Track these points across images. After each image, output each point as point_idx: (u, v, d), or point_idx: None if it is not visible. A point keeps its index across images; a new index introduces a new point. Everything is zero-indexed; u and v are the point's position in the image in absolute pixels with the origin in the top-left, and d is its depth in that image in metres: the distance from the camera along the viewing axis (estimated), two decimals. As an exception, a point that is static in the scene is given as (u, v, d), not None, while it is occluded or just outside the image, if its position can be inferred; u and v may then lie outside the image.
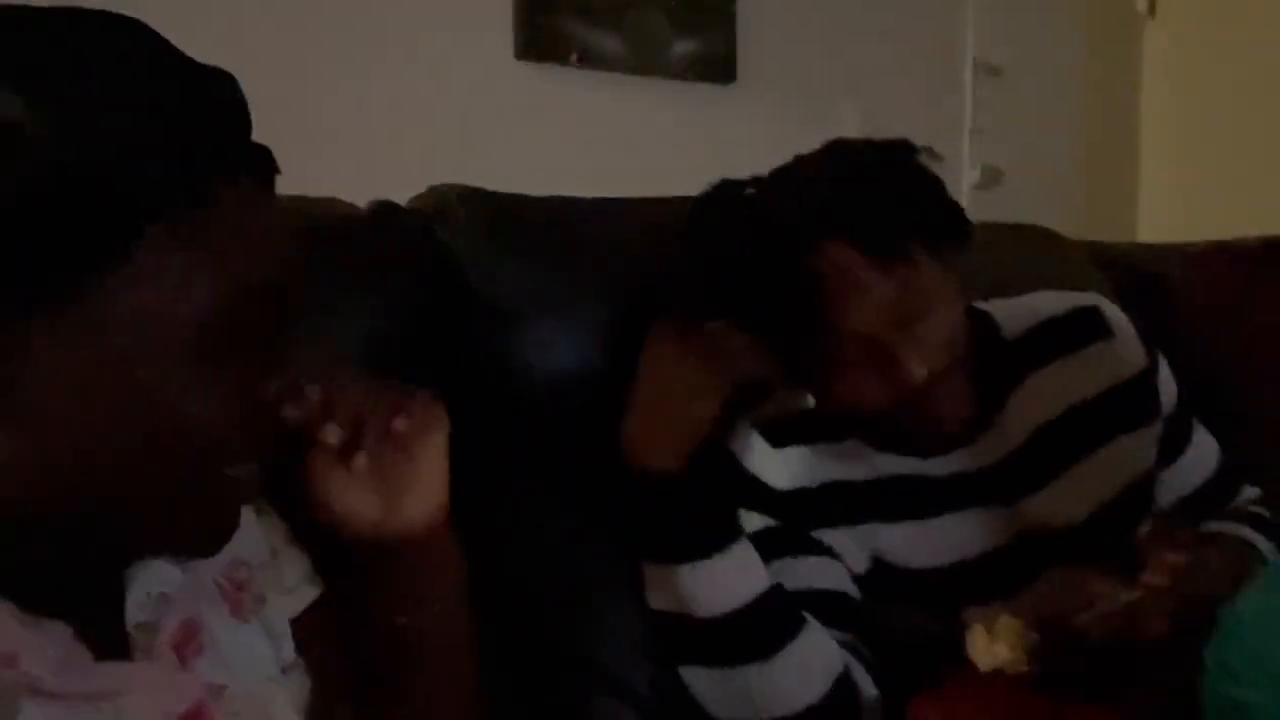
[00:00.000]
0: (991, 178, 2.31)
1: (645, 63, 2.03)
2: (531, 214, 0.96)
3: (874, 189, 0.79)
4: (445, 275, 0.88)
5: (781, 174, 0.83)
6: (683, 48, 2.06)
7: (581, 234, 0.97)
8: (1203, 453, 0.95)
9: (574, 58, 1.96)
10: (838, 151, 0.82)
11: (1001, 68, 2.36)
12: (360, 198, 0.92)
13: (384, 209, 0.91)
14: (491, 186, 0.96)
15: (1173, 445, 0.92)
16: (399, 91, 1.76)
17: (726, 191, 0.83)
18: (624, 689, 0.84)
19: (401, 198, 0.94)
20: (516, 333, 0.88)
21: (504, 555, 0.84)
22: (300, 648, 0.59)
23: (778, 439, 0.88)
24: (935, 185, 0.82)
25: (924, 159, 0.82)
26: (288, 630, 0.58)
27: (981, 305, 0.93)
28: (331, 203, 0.88)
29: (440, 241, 0.90)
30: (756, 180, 0.83)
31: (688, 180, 1.06)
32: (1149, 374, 0.91)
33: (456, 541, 0.60)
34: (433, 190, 0.94)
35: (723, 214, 0.82)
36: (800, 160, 0.83)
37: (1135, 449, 0.88)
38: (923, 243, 0.79)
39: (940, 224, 0.82)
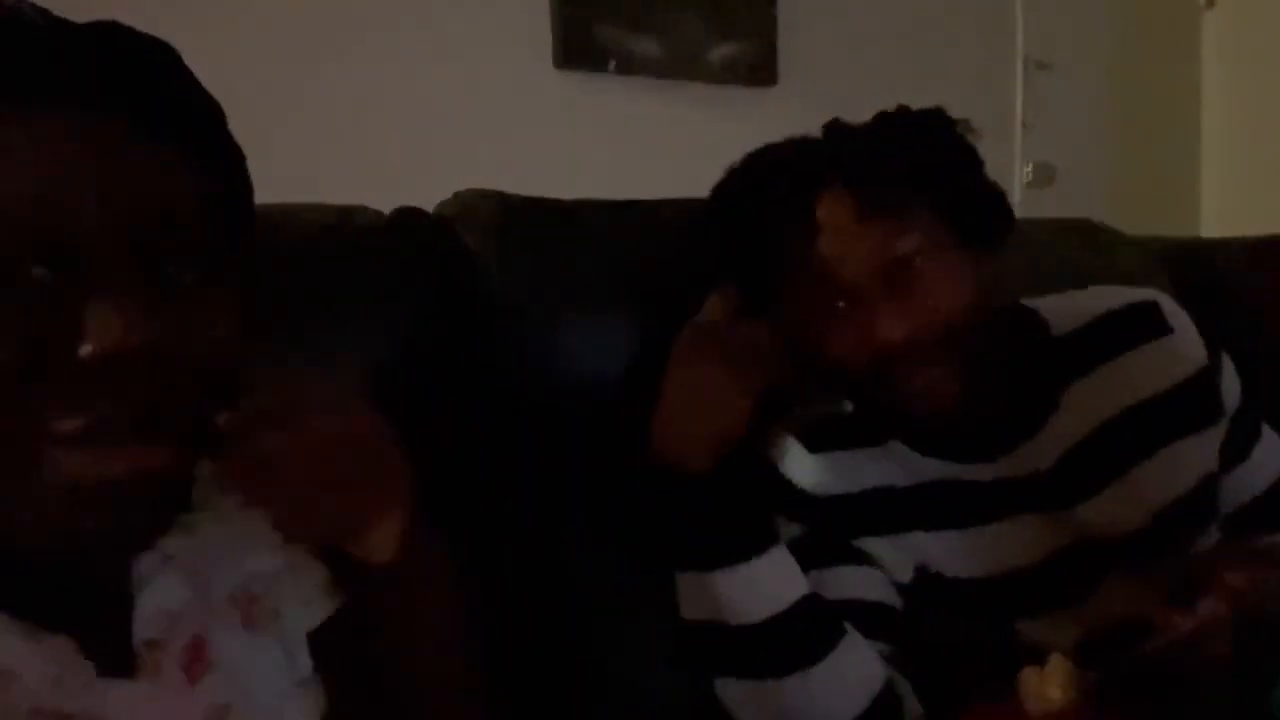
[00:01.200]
0: (1044, 175, 2.24)
1: (684, 67, 2.02)
2: (557, 217, 0.95)
3: (887, 144, 0.78)
4: (466, 280, 0.87)
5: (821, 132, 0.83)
6: (722, 51, 2.04)
7: (607, 236, 0.96)
8: (1270, 456, 0.89)
9: (612, 65, 1.96)
10: (882, 115, 0.81)
11: (1051, 63, 2.30)
12: (395, 205, 0.92)
13: (406, 214, 0.91)
14: (530, 193, 0.95)
15: (1237, 448, 0.87)
16: (439, 102, 1.77)
17: (760, 149, 0.83)
18: (640, 699, 0.81)
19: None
20: (545, 338, 0.86)
21: (525, 561, 0.82)
22: (318, 662, 0.57)
23: (815, 444, 0.85)
24: (966, 159, 0.80)
25: (960, 130, 0.80)
26: (304, 644, 0.57)
27: (1031, 302, 0.89)
28: (356, 210, 0.87)
29: (462, 246, 0.89)
30: (794, 138, 0.83)
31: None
32: (1211, 373, 0.86)
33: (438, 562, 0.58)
34: (458, 196, 0.94)
35: (745, 159, 0.83)
36: (834, 120, 0.84)
37: (1196, 451, 0.84)
38: (938, 215, 0.77)
39: (963, 201, 0.79)
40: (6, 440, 0.41)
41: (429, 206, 0.93)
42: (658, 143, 1.99)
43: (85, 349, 0.40)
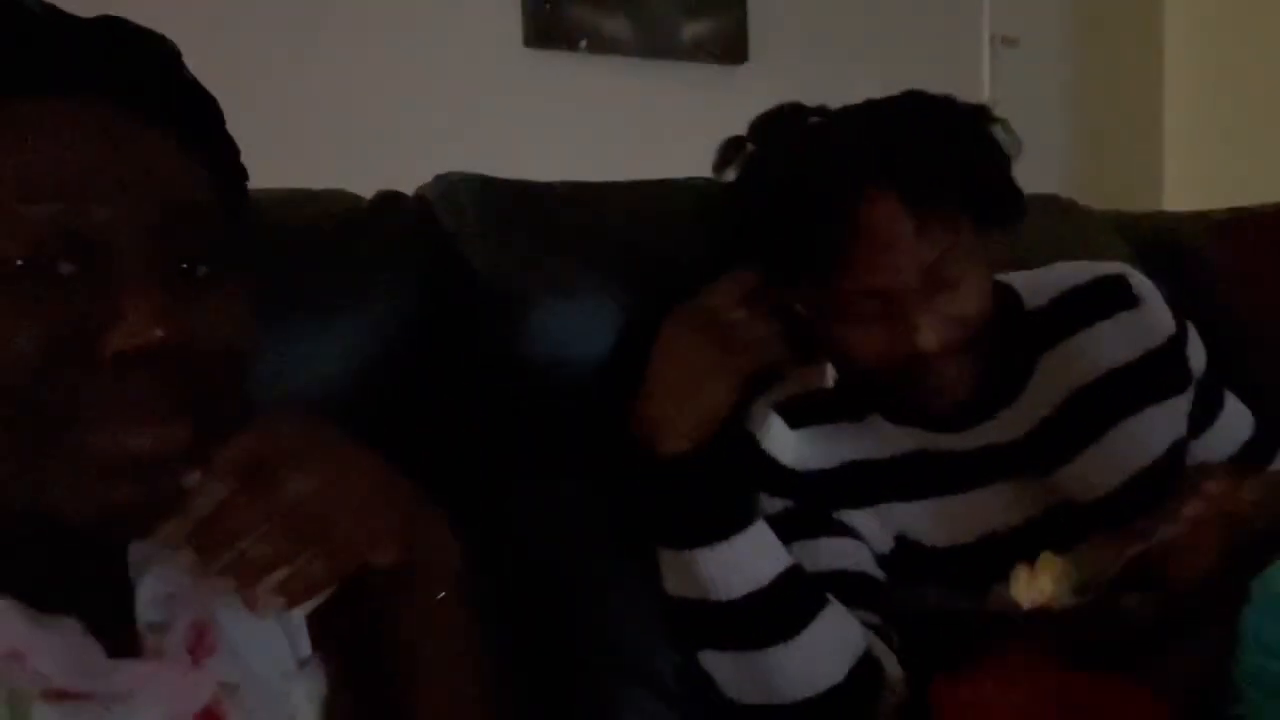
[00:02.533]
0: (1011, 150, 2.26)
1: (655, 46, 2.01)
2: (538, 199, 0.95)
3: (938, 148, 0.77)
4: (449, 264, 0.87)
5: (851, 112, 0.82)
6: (693, 29, 2.04)
7: (592, 218, 0.96)
8: (1235, 422, 0.92)
9: (583, 43, 1.95)
10: (913, 102, 0.80)
11: (1018, 39, 2.32)
12: (368, 188, 0.91)
13: (387, 199, 0.90)
14: (503, 175, 0.95)
15: (1204, 414, 0.90)
16: (407, 81, 1.75)
17: (790, 117, 0.82)
18: (648, 677, 0.83)
19: (410, 188, 0.93)
20: (526, 321, 0.87)
21: (519, 545, 0.83)
22: (316, 643, 0.58)
23: (796, 419, 0.87)
24: (1001, 160, 0.81)
25: (999, 131, 0.80)
26: (304, 626, 0.58)
27: (1002, 277, 0.91)
28: (336, 194, 0.87)
29: (444, 230, 0.89)
30: (822, 109, 0.82)
31: (702, 162, 1.05)
32: (1178, 342, 0.89)
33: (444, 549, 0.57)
34: (437, 179, 0.93)
35: (783, 139, 0.81)
36: (872, 103, 0.82)
37: (1166, 418, 0.86)
38: (971, 215, 0.78)
39: (994, 201, 0.80)
40: (38, 424, 0.42)
41: (400, 189, 0.93)
42: (630, 121, 1.98)
43: (118, 344, 0.41)
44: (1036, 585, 0.73)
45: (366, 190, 0.91)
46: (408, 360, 0.83)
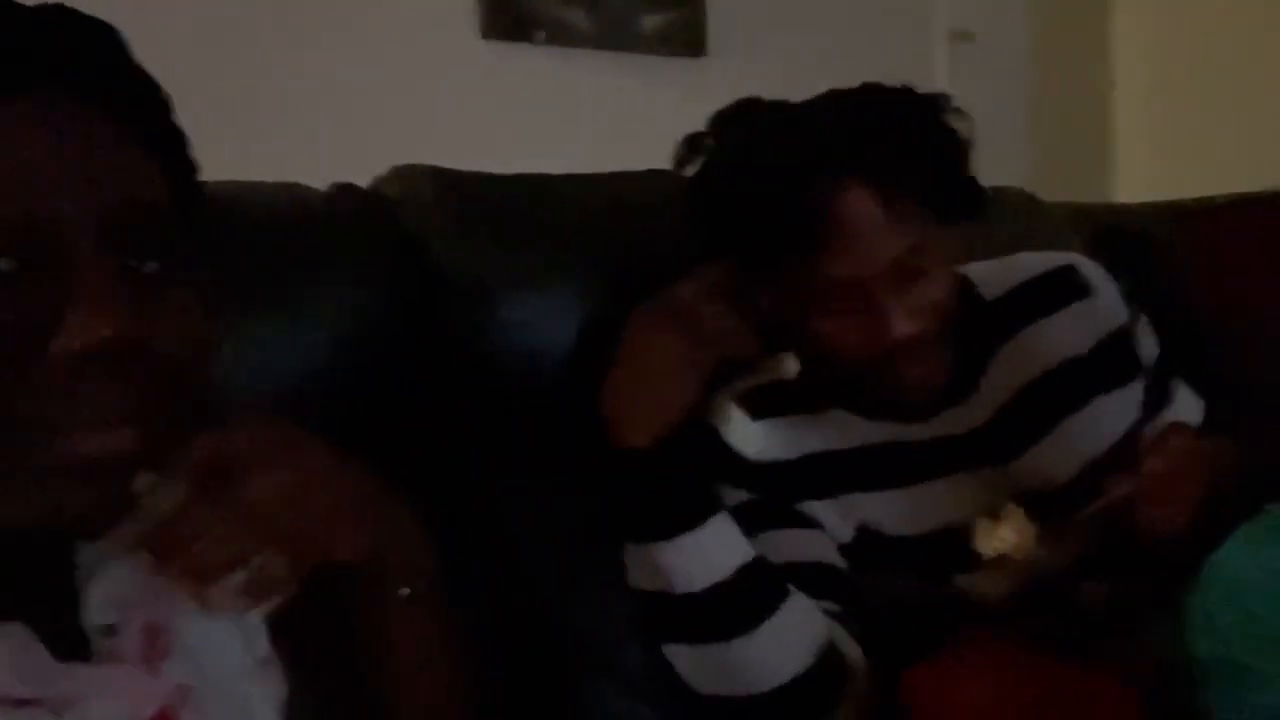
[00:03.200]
0: (969, 140, 2.29)
1: (613, 38, 2.01)
2: (498, 192, 0.94)
3: (903, 138, 0.78)
4: (411, 258, 0.86)
5: (815, 104, 0.82)
6: (651, 21, 2.04)
7: (551, 211, 0.96)
8: (1185, 409, 0.94)
9: (541, 35, 1.94)
10: (875, 93, 0.81)
11: (974, 34, 2.35)
12: (324, 182, 0.90)
13: (342, 191, 0.89)
14: (460, 168, 0.94)
15: (1155, 402, 0.91)
16: (362, 72, 1.73)
17: (753, 110, 0.81)
18: (616, 672, 0.83)
19: (364, 181, 0.92)
20: (487, 314, 0.86)
21: (485, 538, 0.83)
22: (276, 643, 0.57)
23: (757, 411, 0.87)
24: (962, 149, 0.81)
25: (955, 120, 0.81)
26: (262, 626, 0.57)
27: (959, 269, 0.92)
28: (291, 187, 0.85)
29: (405, 223, 0.88)
30: (781, 104, 0.82)
31: (662, 155, 1.04)
32: (1129, 331, 0.91)
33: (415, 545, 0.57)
34: (396, 171, 0.92)
35: (748, 132, 0.80)
36: (835, 94, 0.82)
37: (1119, 406, 0.88)
38: (935, 206, 0.79)
39: (957, 192, 0.81)
40: None
41: (357, 183, 0.91)
42: (588, 114, 1.98)
43: (66, 344, 0.40)
44: (998, 534, 0.75)
45: (320, 183, 0.89)
46: (368, 356, 0.82)
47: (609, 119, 1.99)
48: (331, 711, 0.58)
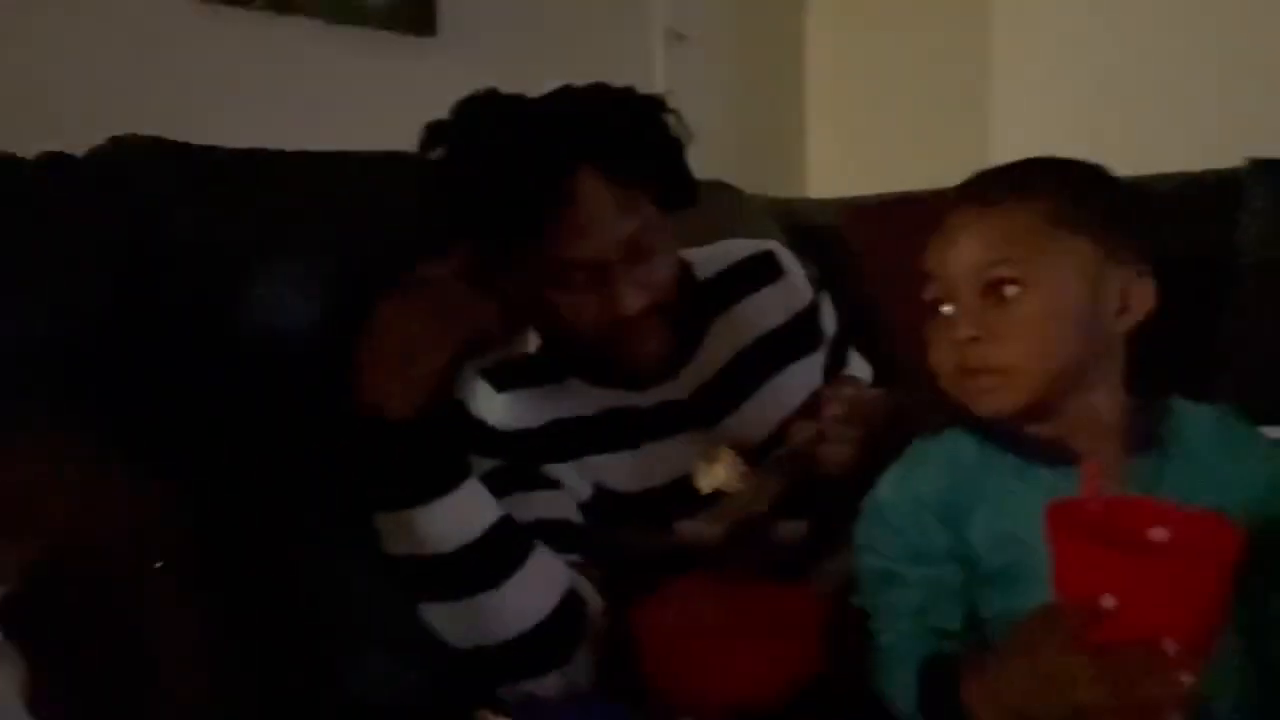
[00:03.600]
0: (684, 138, 2.45)
1: (339, 10, 1.94)
2: (225, 166, 0.92)
3: (630, 131, 0.86)
4: (132, 232, 0.83)
5: (550, 98, 0.88)
6: (380, -3, 2.00)
7: (287, 186, 0.95)
8: (857, 371, 1.12)
9: (258, 2, 1.84)
10: (603, 91, 0.88)
11: (687, 35, 2.53)
12: (25, 150, 0.83)
13: (53, 161, 0.83)
14: (175, 139, 0.90)
15: (834, 367, 1.08)
16: (61, 39, 1.55)
17: (493, 101, 0.86)
18: (376, 636, 0.85)
19: (71, 150, 0.86)
20: (226, 291, 0.85)
21: (241, 515, 0.82)
22: (7, 631, 0.55)
23: (501, 384, 0.93)
24: (678, 146, 0.91)
25: (672, 119, 0.90)
26: None
27: (680, 252, 1.03)
28: (-7, 155, 0.79)
29: (122, 194, 0.84)
30: (519, 97, 0.87)
31: (391, 133, 1.06)
32: (814, 308, 1.06)
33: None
34: (115, 141, 0.87)
35: (490, 120, 0.85)
36: (567, 90, 0.88)
37: (807, 372, 1.03)
38: (656, 195, 0.88)
39: (676, 183, 0.90)
40: None
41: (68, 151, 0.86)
42: (314, 88, 1.90)
43: None
44: (713, 472, 0.86)
45: (22, 153, 0.83)
46: (86, 330, 0.77)
47: (337, 94, 1.93)
48: (81, 689, 0.57)
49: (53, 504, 0.49)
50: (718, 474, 0.86)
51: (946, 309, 0.72)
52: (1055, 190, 0.70)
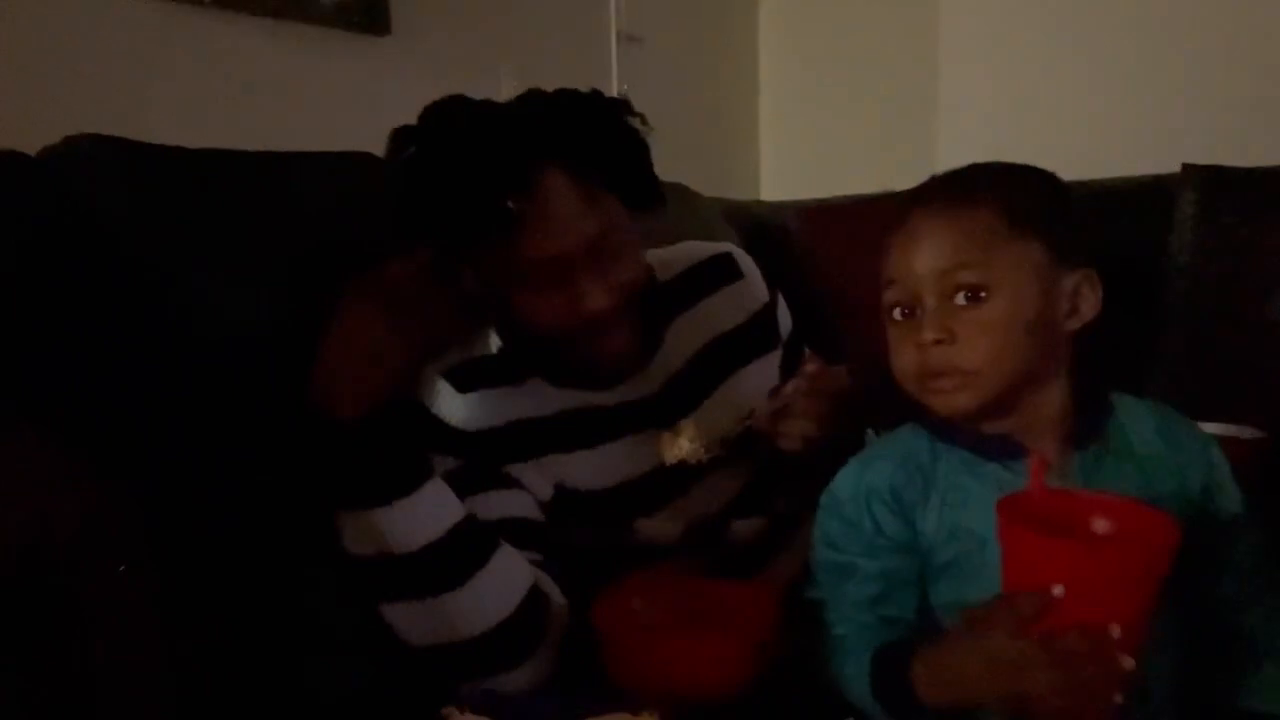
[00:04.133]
0: (650, 155, 2.46)
1: (289, 6, 1.92)
2: (180, 166, 0.91)
3: (596, 133, 0.87)
4: (83, 233, 0.82)
5: (517, 102, 0.88)
6: (331, -6, 1.98)
7: (241, 186, 0.95)
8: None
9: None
10: (569, 96, 0.89)
11: (642, 37, 2.54)
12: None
13: (5, 159, 0.82)
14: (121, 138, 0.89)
15: (789, 365, 1.09)
16: (10, 38, 1.51)
17: (460, 105, 0.86)
18: (331, 636, 0.85)
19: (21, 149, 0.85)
20: (179, 293, 0.84)
21: (197, 517, 0.81)
22: None
23: (463, 384, 0.93)
24: (643, 147, 0.92)
25: (636, 123, 0.91)
26: None
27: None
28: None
29: (79, 196, 0.83)
30: (486, 101, 0.87)
31: (345, 133, 1.05)
32: (770, 308, 1.08)
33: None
34: (68, 140, 0.86)
35: (456, 123, 0.85)
36: (534, 94, 0.89)
37: (764, 371, 1.05)
38: (623, 195, 0.89)
39: (641, 184, 0.92)
40: None
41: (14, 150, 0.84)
42: (261, 85, 1.88)
43: None
44: (675, 444, 0.88)
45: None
46: (46, 333, 0.76)
47: (285, 93, 1.91)
48: (38, 694, 0.56)
49: (11, 505, 0.48)
50: (681, 446, 0.88)
51: (908, 312, 0.74)
52: (1009, 195, 0.73)
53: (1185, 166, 1.60)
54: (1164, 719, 0.70)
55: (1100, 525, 0.64)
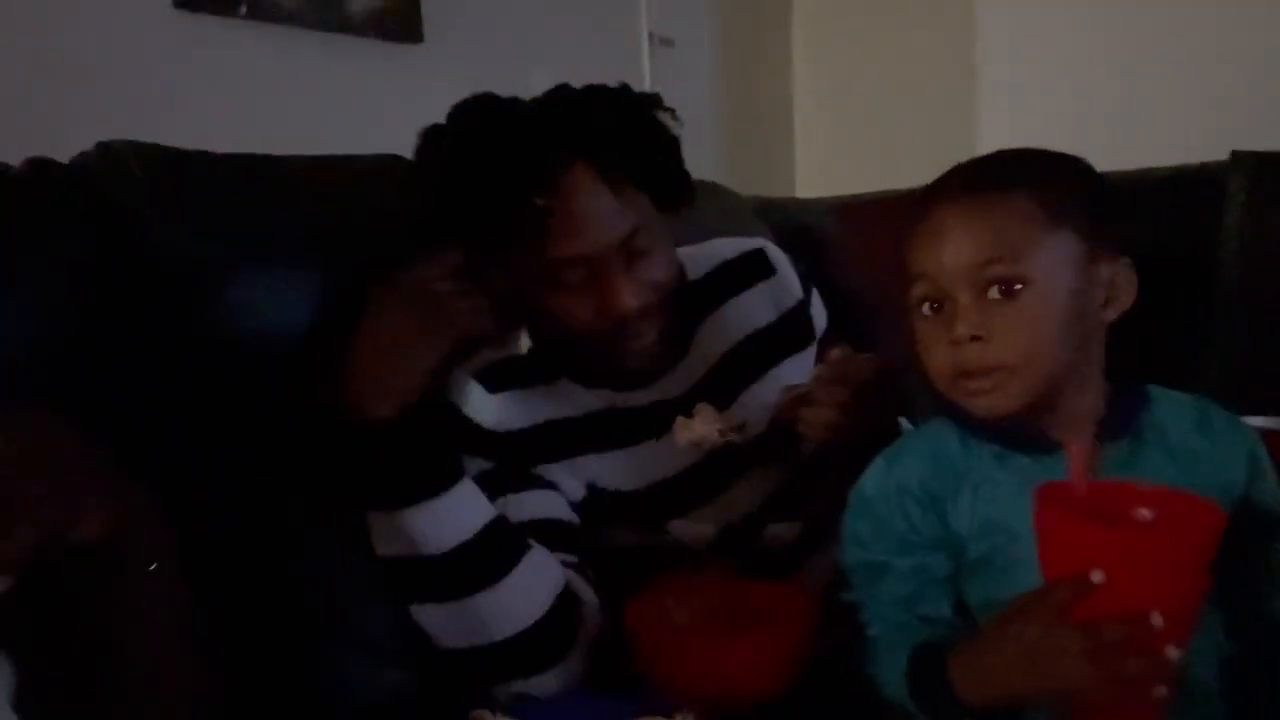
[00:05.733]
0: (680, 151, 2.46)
1: (323, 17, 1.95)
2: (215, 171, 0.92)
3: (625, 128, 0.86)
4: (121, 238, 0.83)
5: (544, 99, 0.88)
6: (363, 3, 2.00)
7: (273, 190, 0.95)
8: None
9: (242, 9, 1.84)
10: (597, 91, 0.88)
11: (673, 39, 2.54)
12: (9, 158, 0.83)
13: (39, 167, 0.83)
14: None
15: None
16: (47, 48, 1.55)
17: (487, 103, 0.86)
18: (360, 637, 0.85)
19: (57, 157, 0.86)
20: (213, 294, 0.85)
21: (225, 517, 0.82)
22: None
23: (494, 385, 0.93)
24: (672, 142, 0.91)
25: (665, 118, 0.90)
26: None
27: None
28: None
29: (114, 201, 0.84)
30: (513, 99, 0.87)
31: (379, 140, 1.06)
32: (804, 304, 1.07)
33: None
34: (101, 147, 0.87)
35: (483, 122, 0.84)
36: (562, 89, 0.88)
37: (798, 368, 1.03)
38: (653, 192, 0.88)
39: (672, 180, 0.91)
40: None
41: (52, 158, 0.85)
42: (297, 94, 1.91)
43: None
44: (690, 427, 0.87)
45: (8, 160, 0.83)
46: (76, 337, 0.77)
47: (319, 102, 1.93)
48: (67, 697, 0.57)
49: (44, 500, 0.49)
50: (695, 428, 0.87)
51: (937, 307, 0.71)
52: (1043, 183, 0.70)
53: (1234, 154, 1.56)
54: (1209, 714, 0.68)
55: (1143, 514, 0.62)
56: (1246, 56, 2.02)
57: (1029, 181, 0.70)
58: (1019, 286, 0.68)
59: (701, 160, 1.07)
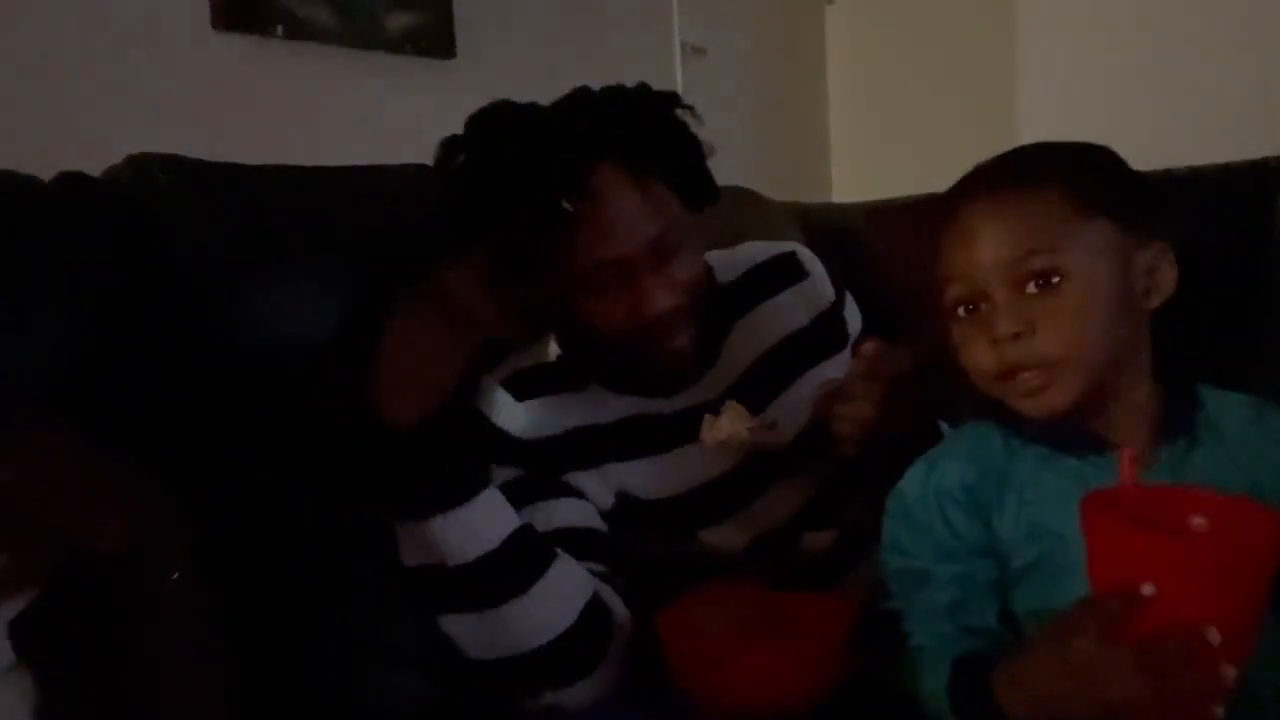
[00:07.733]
0: (704, 150, 2.46)
1: (358, 35, 1.97)
2: (242, 182, 0.93)
3: (650, 127, 0.85)
4: (149, 248, 0.83)
5: (566, 100, 0.87)
6: (398, 21, 2.02)
7: (300, 202, 0.96)
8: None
9: (279, 29, 1.87)
10: (619, 90, 0.87)
11: (705, 49, 2.53)
12: (43, 173, 0.84)
13: (70, 180, 0.84)
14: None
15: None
16: (84, 65, 1.59)
17: (509, 109, 0.85)
18: (386, 648, 0.84)
19: (94, 172, 0.87)
20: (241, 305, 0.85)
21: (249, 527, 0.81)
22: (20, 651, 0.55)
23: (521, 392, 0.92)
24: (697, 143, 0.90)
25: (687, 116, 0.89)
26: (3, 631, 0.54)
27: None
28: (9, 176, 0.80)
29: (143, 213, 0.84)
30: (533, 104, 0.86)
31: (409, 155, 1.06)
32: (838, 307, 1.04)
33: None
34: (130, 160, 0.88)
35: (507, 127, 0.83)
36: (583, 91, 0.87)
37: (831, 372, 1.00)
38: (680, 194, 0.87)
39: (697, 180, 0.89)
40: None
41: (85, 173, 0.86)
42: (332, 112, 1.93)
43: None
44: (717, 425, 0.85)
45: (41, 174, 0.84)
46: (107, 346, 0.78)
47: (356, 119, 1.96)
48: (90, 710, 0.56)
49: (63, 512, 0.48)
50: (721, 427, 0.85)
51: (973, 308, 0.69)
52: (1073, 173, 0.68)
53: (1287, 148, 1.50)
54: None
55: (1198, 523, 0.59)
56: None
57: (1058, 172, 0.68)
58: (1057, 279, 0.66)
59: (735, 168, 1.05)
